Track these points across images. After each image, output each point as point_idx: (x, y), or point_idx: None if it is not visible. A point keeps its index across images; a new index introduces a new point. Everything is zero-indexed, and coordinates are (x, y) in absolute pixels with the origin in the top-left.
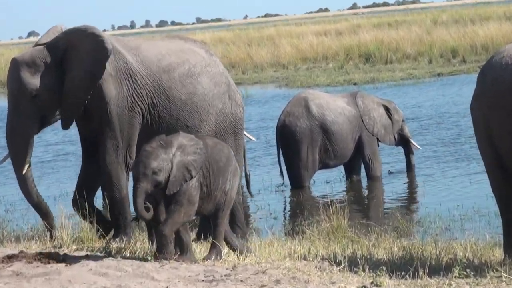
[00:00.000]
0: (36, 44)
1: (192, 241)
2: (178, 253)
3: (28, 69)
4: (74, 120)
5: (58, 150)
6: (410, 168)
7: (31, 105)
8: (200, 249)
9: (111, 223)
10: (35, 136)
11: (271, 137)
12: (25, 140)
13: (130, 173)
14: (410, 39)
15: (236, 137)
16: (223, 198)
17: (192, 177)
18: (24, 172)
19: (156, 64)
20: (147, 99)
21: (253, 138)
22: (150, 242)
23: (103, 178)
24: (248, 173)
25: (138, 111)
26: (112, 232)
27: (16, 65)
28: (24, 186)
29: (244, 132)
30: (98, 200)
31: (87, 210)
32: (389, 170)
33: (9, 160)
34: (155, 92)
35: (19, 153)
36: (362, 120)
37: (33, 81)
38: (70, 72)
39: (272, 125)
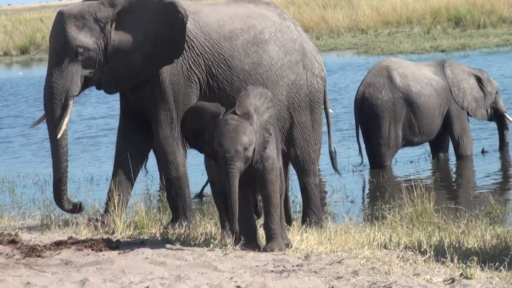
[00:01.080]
0: None
1: (260, 226)
2: (243, 240)
3: (75, 23)
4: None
5: (102, 125)
6: (504, 145)
7: (75, 63)
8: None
9: None
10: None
11: (345, 110)
12: (64, 101)
13: (188, 150)
14: (507, 0)
15: (312, 112)
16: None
17: (270, 134)
18: (58, 136)
19: (216, 31)
20: (205, 68)
21: (331, 110)
22: (222, 231)
23: (158, 156)
24: (333, 150)
25: (194, 80)
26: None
27: (62, 19)
28: (55, 155)
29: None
30: (156, 181)
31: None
32: (483, 149)
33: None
34: (214, 61)
35: (56, 115)
36: (450, 92)
37: (80, 36)
38: (126, 34)
39: (348, 96)
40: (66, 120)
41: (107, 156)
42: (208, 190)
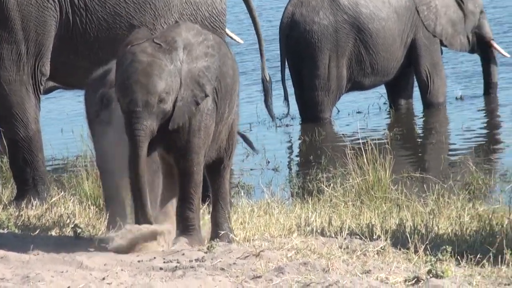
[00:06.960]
0: None
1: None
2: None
3: None
4: None
5: None
6: (490, 87)
7: None
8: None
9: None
10: None
11: (269, 40)
12: None
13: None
14: None
15: None
16: (226, 136)
17: (205, 96)
18: None
19: None
20: None
21: (240, 40)
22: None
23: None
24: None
25: None
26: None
27: None
28: None
29: (228, 32)
30: None
31: None
32: (460, 95)
33: None
34: None
35: None
36: (417, 12)
37: None
38: None
39: (270, 21)
40: None
41: None
42: None
